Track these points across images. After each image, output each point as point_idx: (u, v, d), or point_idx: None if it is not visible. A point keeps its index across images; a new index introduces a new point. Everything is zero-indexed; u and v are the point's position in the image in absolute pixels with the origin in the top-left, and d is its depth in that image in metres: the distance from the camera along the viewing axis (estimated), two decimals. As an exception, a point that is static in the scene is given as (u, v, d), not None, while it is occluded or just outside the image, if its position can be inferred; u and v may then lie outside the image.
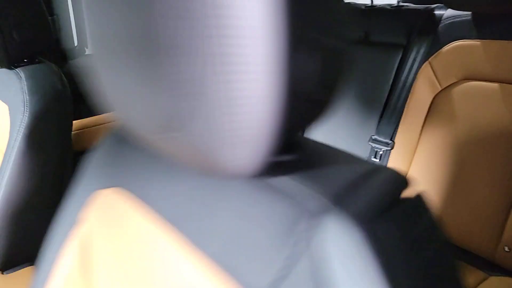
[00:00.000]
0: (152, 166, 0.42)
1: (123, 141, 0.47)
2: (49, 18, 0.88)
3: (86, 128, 1.22)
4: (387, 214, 0.26)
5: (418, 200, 0.29)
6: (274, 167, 0.31)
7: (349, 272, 0.25)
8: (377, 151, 1.12)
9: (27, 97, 0.79)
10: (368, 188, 0.28)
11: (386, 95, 1.11)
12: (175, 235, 0.37)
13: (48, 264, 0.50)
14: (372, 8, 1.17)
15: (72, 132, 1.22)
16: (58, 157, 0.87)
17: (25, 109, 0.79)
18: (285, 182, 0.30)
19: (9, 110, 0.83)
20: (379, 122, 1.13)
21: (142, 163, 0.43)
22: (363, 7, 1.18)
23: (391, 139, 1.10)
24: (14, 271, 0.79)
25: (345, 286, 0.25)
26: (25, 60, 0.86)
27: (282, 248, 0.27)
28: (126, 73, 0.31)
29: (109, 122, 1.25)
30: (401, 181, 0.30)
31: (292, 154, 0.33)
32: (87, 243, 0.48)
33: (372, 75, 1.14)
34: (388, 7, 1.14)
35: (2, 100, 0.87)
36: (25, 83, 0.81)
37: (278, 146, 0.29)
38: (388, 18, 1.13)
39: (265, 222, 0.29)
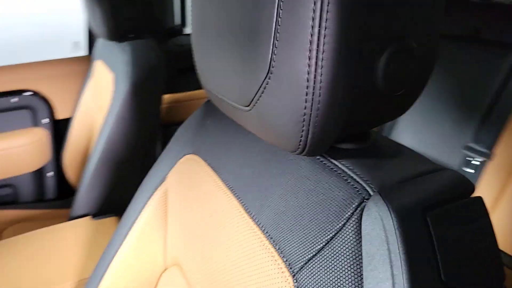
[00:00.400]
0: (227, 139, 0.47)
1: (209, 115, 0.53)
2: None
3: (177, 102, 1.35)
4: (433, 211, 0.27)
5: (475, 204, 0.30)
6: (338, 152, 0.34)
7: (374, 253, 0.27)
8: (471, 160, 1.05)
9: (128, 68, 0.91)
10: (422, 184, 0.30)
11: (489, 99, 1.02)
12: (233, 202, 0.42)
13: (134, 213, 0.59)
14: (486, 3, 1.07)
15: (164, 105, 1.36)
16: (149, 124, 0.99)
17: (126, 79, 0.91)
18: (344, 166, 0.32)
19: (115, 78, 0.97)
20: (477, 129, 1.04)
21: (219, 136, 0.49)
22: (476, 1, 1.09)
23: (489, 149, 1.01)
24: (101, 219, 0.93)
25: (367, 264, 0.27)
26: (131, 36, 0.99)
27: (335, 222, 0.30)
28: (218, 53, 0.36)
29: (198, 99, 1.36)
30: (463, 184, 0.30)
31: (359, 144, 0.35)
32: (165, 199, 0.56)
33: (475, 75, 1.06)
34: (507, 2, 1.04)
35: (110, 69, 1.02)
36: (128, 56, 0.93)
37: (344, 134, 0.32)
38: (503, 14, 1.02)
39: (321, 199, 0.32)
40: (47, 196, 1.38)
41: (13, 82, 1.27)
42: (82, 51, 1.45)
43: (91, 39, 1.40)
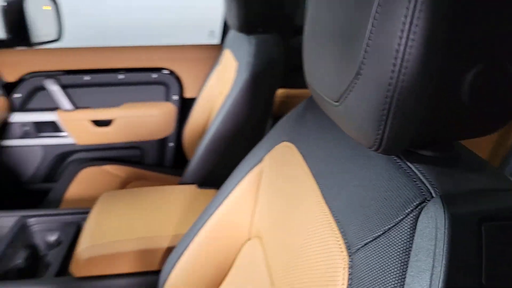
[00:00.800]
0: (321, 132, 0.53)
1: (309, 109, 0.60)
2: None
3: (289, 97, 1.43)
4: (491, 222, 0.29)
5: None
6: (415, 157, 0.37)
7: (422, 247, 0.30)
8: None
9: (250, 59, 1.01)
10: (490, 197, 0.32)
11: None
12: (313, 187, 0.47)
13: (231, 185, 0.69)
14: None
15: (277, 98, 1.46)
16: (260, 113, 1.09)
17: (247, 69, 1.02)
18: (417, 170, 0.36)
19: (238, 67, 1.09)
20: None
21: (314, 128, 0.55)
22: None
23: None
24: (204, 189, 1.07)
25: (414, 256, 0.30)
26: (259, 30, 1.09)
27: (395, 215, 0.34)
28: (320, 52, 0.42)
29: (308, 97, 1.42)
30: None
31: (438, 153, 0.37)
32: (259, 177, 0.64)
33: None
34: None
35: (235, 58, 1.14)
36: (253, 48, 1.03)
37: (423, 139, 0.35)
38: None
39: (388, 195, 0.36)
40: (166, 162, 1.61)
41: (156, 60, 1.50)
42: (216, 40, 1.63)
43: (225, 30, 1.57)
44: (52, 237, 1.00)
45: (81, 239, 0.87)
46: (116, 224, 0.90)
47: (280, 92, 1.47)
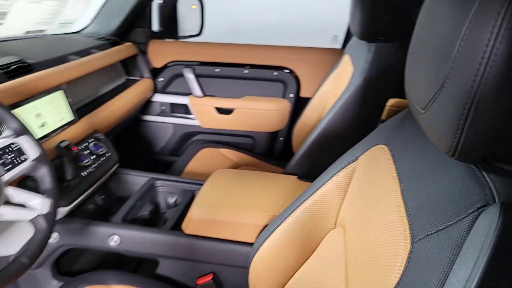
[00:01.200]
0: (413, 138, 0.57)
1: (408, 117, 0.64)
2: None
3: (400, 107, 1.42)
4: None
5: None
6: (493, 168, 0.41)
7: (473, 242, 0.34)
8: None
9: (366, 66, 1.05)
10: None
11: None
12: (396, 186, 0.52)
13: (325, 178, 0.76)
14: None
15: (388, 106, 1.46)
16: (368, 118, 1.12)
17: (361, 75, 1.06)
18: (490, 179, 0.40)
19: (353, 72, 1.14)
20: None
21: (409, 135, 0.59)
22: None
23: None
24: (303, 181, 1.15)
25: (465, 248, 0.35)
26: (380, 38, 1.12)
27: (459, 214, 0.39)
28: (417, 65, 0.47)
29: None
30: None
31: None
32: (351, 174, 0.70)
33: None
34: None
35: (353, 63, 1.19)
36: (370, 55, 1.07)
37: (501, 152, 0.38)
38: None
39: (457, 197, 0.41)
40: (274, 154, 1.73)
41: (278, 59, 1.62)
42: (338, 45, 1.69)
43: (348, 36, 1.61)
44: (172, 199, 1.19)
45: (194, 204, 1.03)
46: (224, 196, 1.04)
47: (393, 101, 1.46)
